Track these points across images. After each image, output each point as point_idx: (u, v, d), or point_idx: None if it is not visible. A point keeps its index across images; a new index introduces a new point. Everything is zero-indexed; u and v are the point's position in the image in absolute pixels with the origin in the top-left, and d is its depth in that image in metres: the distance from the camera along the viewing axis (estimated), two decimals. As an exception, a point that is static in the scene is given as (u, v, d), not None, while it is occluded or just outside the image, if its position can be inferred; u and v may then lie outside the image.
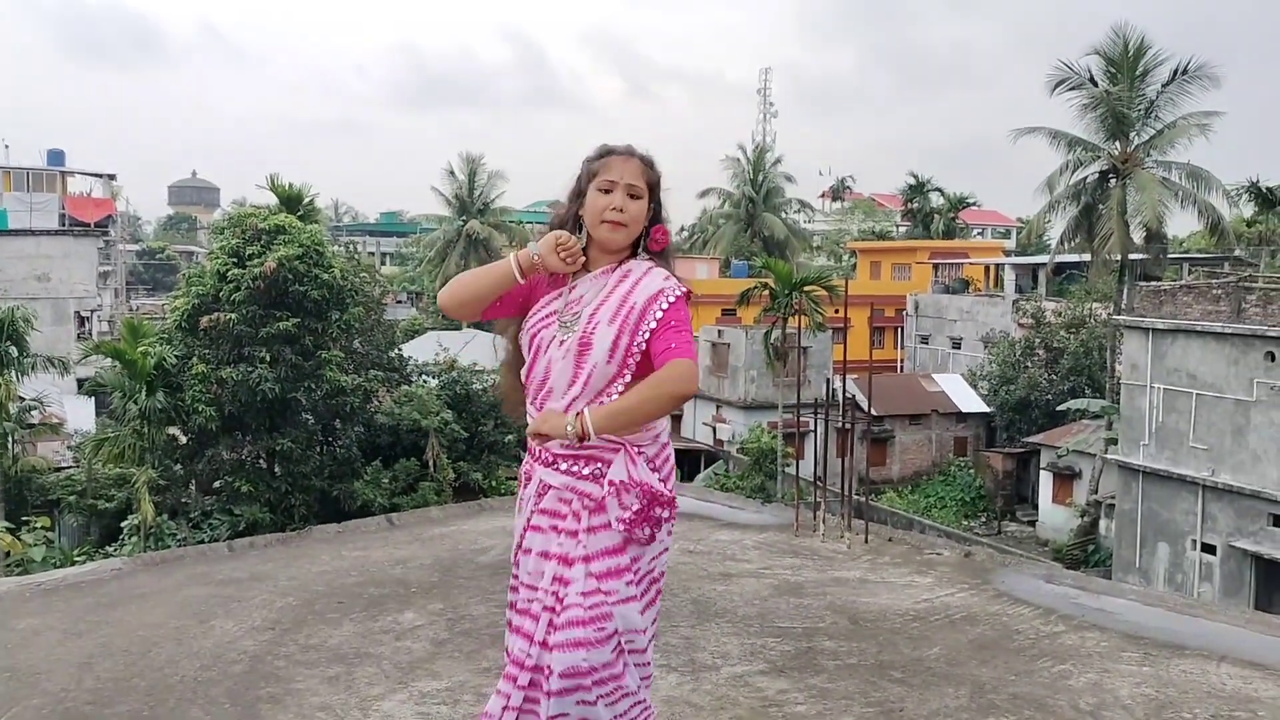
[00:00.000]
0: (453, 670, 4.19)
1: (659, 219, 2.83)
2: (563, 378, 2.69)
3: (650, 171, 2.78)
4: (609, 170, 2.73)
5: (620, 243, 2.75)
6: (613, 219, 2.71)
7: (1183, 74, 31.26)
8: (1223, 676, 4.22)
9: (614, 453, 2.66)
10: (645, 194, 2.76)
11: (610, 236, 2.73)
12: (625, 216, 2.72)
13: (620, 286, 2.72)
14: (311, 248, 23.20)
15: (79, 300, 40.85)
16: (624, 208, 2.71)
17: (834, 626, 4.76)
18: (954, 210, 65.09)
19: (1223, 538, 24.27)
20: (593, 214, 2.73)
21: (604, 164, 2.75)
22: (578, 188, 2.79)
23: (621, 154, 2.77)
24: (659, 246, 2.82)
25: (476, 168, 52.45)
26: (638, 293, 2.70)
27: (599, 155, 2.79)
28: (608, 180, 2.73)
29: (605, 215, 2.71)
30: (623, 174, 2.73)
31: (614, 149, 2.80)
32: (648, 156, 2.81)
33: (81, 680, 4.12)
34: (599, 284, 2.75)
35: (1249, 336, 23.76)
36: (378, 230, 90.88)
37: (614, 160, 2.75)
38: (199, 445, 23.26)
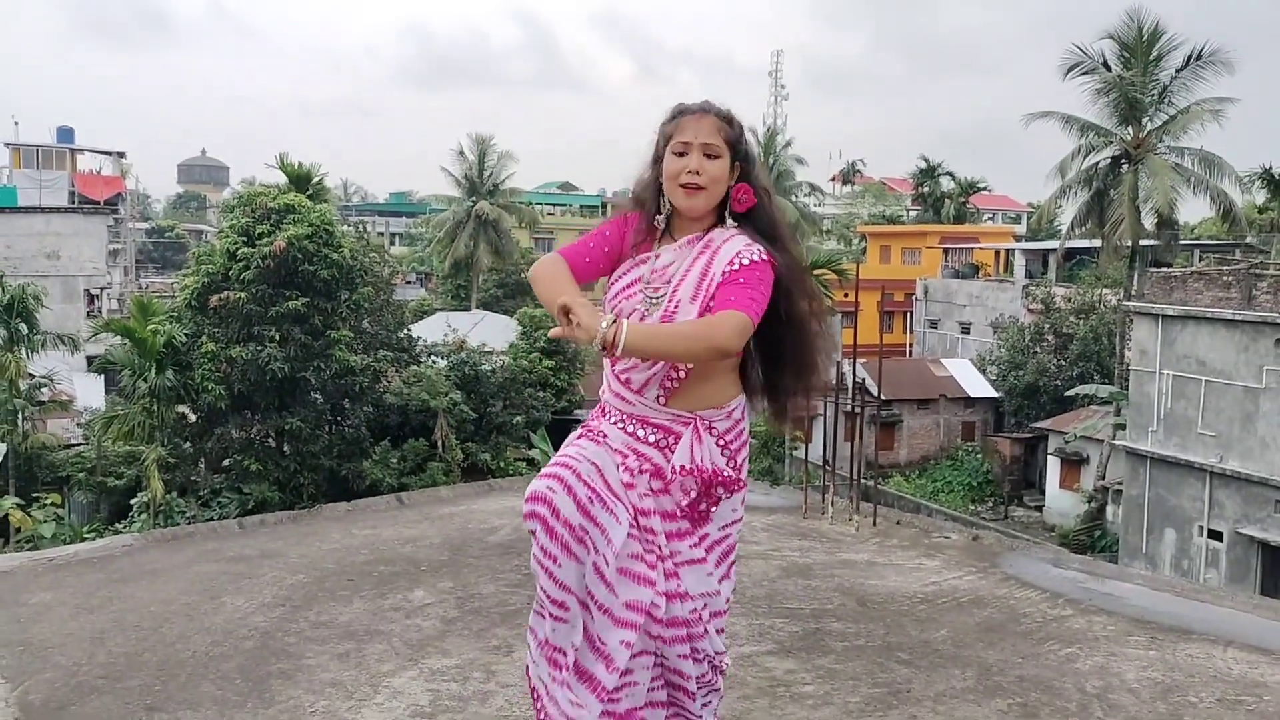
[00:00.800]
0: (462, 648, 4.21)
1: (747, 177, 2.66)
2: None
3: (729, 128, 2.63)
4: (682, 131, 2.60)
5: (700, 208, 2.61)
6: (689, 182, 2.58)
7: (1197, 59, 31.04)
8: (1229, 661, 4.23)
9: (684, 426, 2.59)
10: (724, 152, 2.60)
11: (689, 203, 2.60)
12: (703, 179, 2.58)
13: (700, 259, 2.60)
14: (321, 227, 23.24)
15: (88, 278, 40.92)
16: (700, 169, 2.58)
17: (842, 608, 4.78)
18: (965, 195, 64.80)
19: (1230, 524, 24.25)
20: (669, 179, 2.61)
21: (677, 125, 2.62)
22: (656, 153, 2.67)
23: (694, 112, 2.63)
24: (743, 207, 2.65)
25: (486, 148, 52.32)
26: (716, 264, 2.57)
27: (672, 116, 2.66)
28: (681, 142, 2.59)
29: (681, 179, 2.58)
30: (697, 133, 2.59)
31: (687, 107, 2.66)
32: (724, 111, 2.66)
33: (94, 655, 4.16)
34: (684, 254, 2.62)
35: (1259, 324, 23.67)
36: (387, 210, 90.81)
37: (686, 120, 2.61)
38: (208, 424, 23.36)
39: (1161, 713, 3.70)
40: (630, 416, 2.64)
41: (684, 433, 2.58)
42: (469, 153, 52.34)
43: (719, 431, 2.63)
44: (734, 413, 2.67)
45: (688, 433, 2.58)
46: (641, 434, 2.62)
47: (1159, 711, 3.71)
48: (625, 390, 2.65)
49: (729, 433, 2.65)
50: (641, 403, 2.62)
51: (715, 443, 2.61)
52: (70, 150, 44.58)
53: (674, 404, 2.61)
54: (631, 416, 2.64)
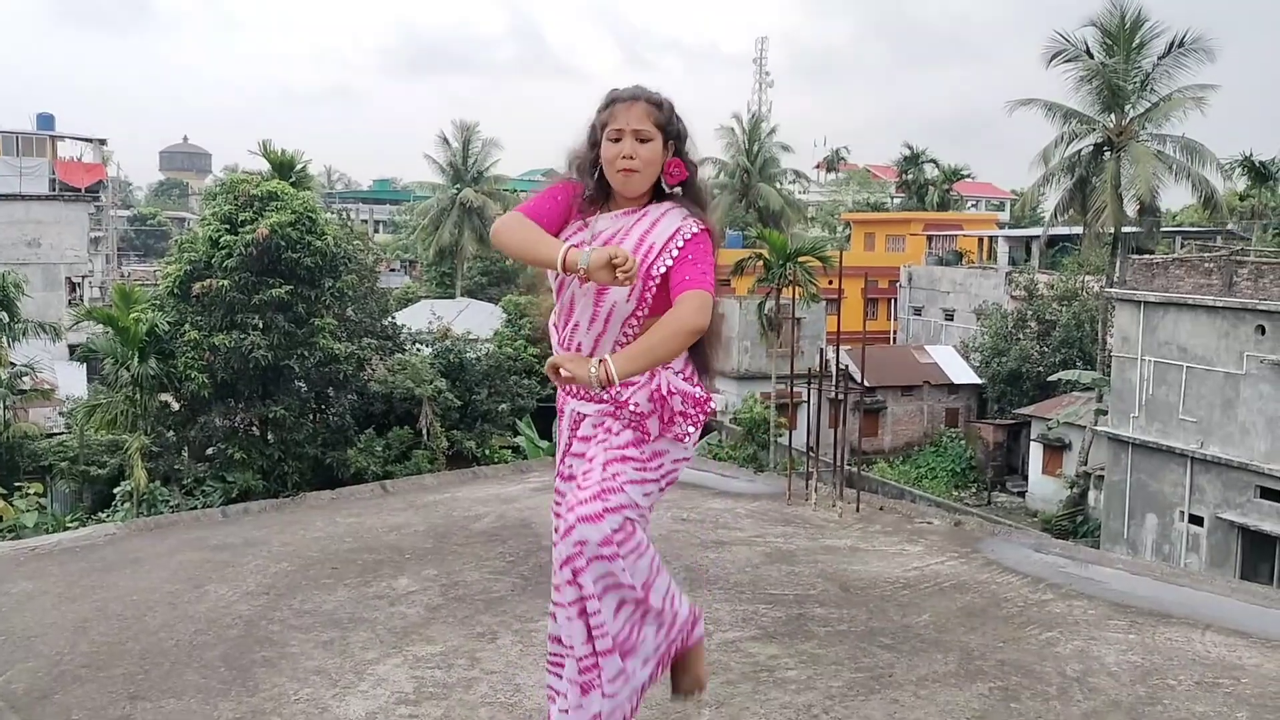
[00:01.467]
0: (446, 635, 4.22)
1: (682, 150, 2.81)
2: (585, 314, 2.76)
3: (658, 111, 2.76)
4: (615, 118, 2.74)
5: (637, 188, 2.77)
6: (624, 166, 2.73)
7: (1179, 47, 31.15)
8: (1207, 644, 4.27)
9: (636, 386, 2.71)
10: (655, 135, 2.74)
11: (626, 184, 2.76)
12: (636, 163, 2.73)
13: (639, 225, 2.76)
14: (304, 214, 23.13)
15: (70, 266, 40.65)
16: (634, 153, 2.72)
17: (825, 594, 4.80)
18: (948, 182, 64.98)
19: (1210, 509, 24.45)
20: (607, 164, 2.76)
21: (610, 113, 2.76)
22: (592, 137, 2.81)
23: (626, 99, 2.77)
24: (675, 180, 2.80)
25: (471, 135, 52.11)
26: (655, 232, 2.73)
27: (605, 104, 2.79)
28: (615, 129, 2.74)
29: (617, 164, 2.73)
30: (628, 120, 2.73)
31: (619, 95, 2.79)
32: (655, 96, 2.79)
33: (76, 644, 4.15)
34: (619, 223, 2.77)
35: (1240, 310, 23.84)
36: (371, 197, 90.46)
37: (619, 108, 2.76)
38: (191, 412, 23.27)
39: (1141, 695, 3.74)
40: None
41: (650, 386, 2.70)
42: (453, 140, 52.13)
43: (681, 372, 2.77)
44: (684, 370, 2.79)
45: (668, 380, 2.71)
46: (608, 395, 2.72)
47: (1138, 694, 3.75)
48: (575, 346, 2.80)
49: (686, 368, 2.80)
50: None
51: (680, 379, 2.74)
52: (50, 137, 44.17)
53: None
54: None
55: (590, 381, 2.53)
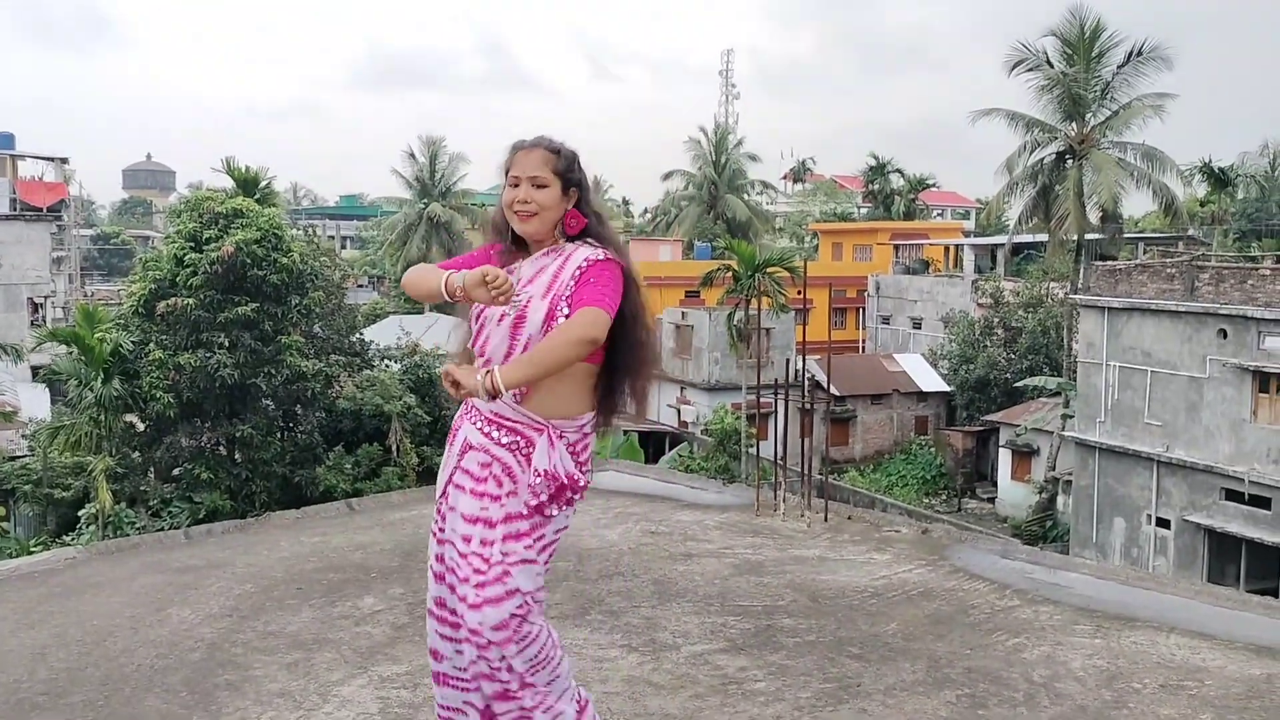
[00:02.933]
0: (413, 654, 4.18)
1: (583, 201, 2.92)
2: (500, 349, 2.83)
3: (556, 158, 2.87)
4: (515, 165, 2.87)
5: (534, 231, 2.87)
6: (519, 210, 2.86)
7: (1137, 55, 31.61)
8: (1172, 647, 4.30)
9: (536, 431, 2.77)
10: (552, 181, 2.85)
11: (524, 227, 2.87)
12: (531, 206, 2.84)
13: (552, 265, 2.85)
14: (270, 231, 22.94)
15: (32, 286, 40.19)
16: (529, 198, 2.84)
17: (793, 604, 4.80)
18: (914, 191, 65.50)
19: (1177, 512, 24.71)
20: (506, 207, 2.90)
21: (511, 160, 2.89)
22: (503, 183, 2.94)
23: (525, 148, 2.90)
24: (574, 230, 2.90)
25: (437, 150, 52.08)
26: (566, 268, 2.83)
27: (510, 152, 2.92)
28: (514, 175, 2.87)
29: (514, 208, 2.87)
30: (525, 167, 2.85)
31: (521, 144, 2.92)
32: (554, 144, 2.90)
33: (35, 671, 4.08)
34: (538, 264, 2.88)
35: (1202, 314, 24.15)
36: (337, 214, 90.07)
37: (519, 155, 2.89)
38: (157, 432, 22.98)
39: (1106, 699, 3.76)
40: (488, 418, 2.82)
41: (536, 438, 2.77)
42: (420, 155, 52.07)
43: (569, 440, 2.83)
44: (584, 427, 2.87)
45: (541, 439, 2.77)
46: (495, 435, 2.80)
47: (1104, 698, 3.76)
48: None
49: (578, 443, 2.86)
50: (502, 401, 2.76)
51: (566, 449, 2.80)
52: (10, 156, 43.69)
53: (528, 405, 2.79)
54: (488, 418, 2.81)
55: (478, 390, 2.60)
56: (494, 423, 2.81)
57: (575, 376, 2.80)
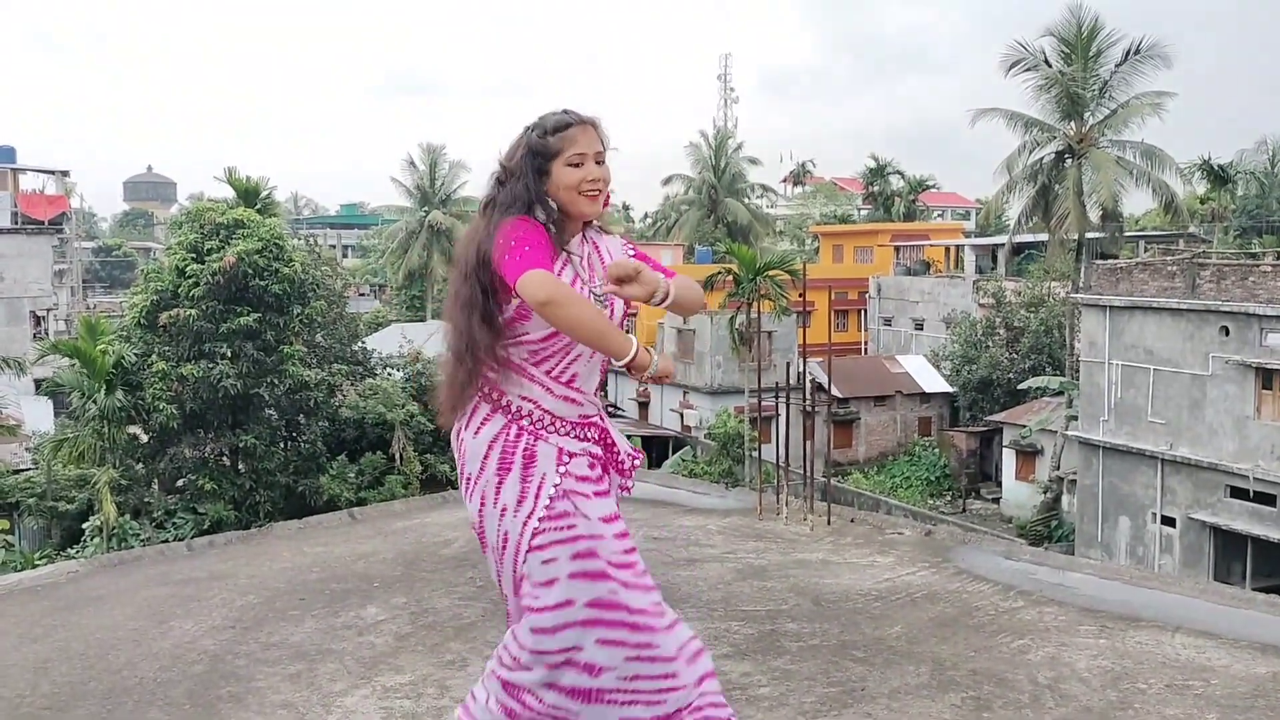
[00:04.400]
0: (416, 664, 4.17)
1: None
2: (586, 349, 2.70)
3: (604, 133, 2.77)
4: (574, 143, 2.68)
5: (598, 213, 2.76)
6: (593, 190, 2.70)
7: (1135, 54, 31.63)
8: (1177, 646, 4.29)
9: (603, 419, 2.81)
10: (604, 157, 2.74)
11: (594, 208, 2.73)
12: (601, 184, 2.72)
13: (592, 254, 2.80)
14: (271, 241, 23.00)
15: (34, 299, 40.26)
16: (600, 176, 2.71)
17: (797, 608, 4.79)
18: (914, 193, 65.54)
19: (1182, 510, 24.66)
20: (569, 189, 2.68)
21: (566, 139, 2.68)
22: (537, 165, 2.69)
23: (579, 124, 2.71)
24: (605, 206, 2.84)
25: (438, 158, 52.15)
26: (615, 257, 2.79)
27: (557, 128, 2.70)
28: (578, 154, 2.68)
29: (583, 189, 2.69)
30: (590, 144, 2.70)
31: (569, 120, 2.72)
32: (595, 118, 2.77)
33: (37, 685, 4.07)
34: (584, 253, 2.78)
35: (1204, 312, 24.12)
36: (338, 223, 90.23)
37: (576, 132, 2.69)
38: (161, 444, 23.02)
39: (1112, 700, 3.74)
40: (579, 422, 2.72)
41: (604, 425, 2.79)
42: (420, 163, 52.13)
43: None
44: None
45: (610, 424, 2.80)
46: (589, 435, 2.74)
47: (1109, 699, 3.75)
48: (570, 390, 2.71)
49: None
50: (587, 400, 2.72)
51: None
52: (12, 170, 43.79)
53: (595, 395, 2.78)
54: (579, 421, 2.72)
55: (656, 291, 2.57)
56: (583, 424, 2.74)
57: None
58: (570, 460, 2.67)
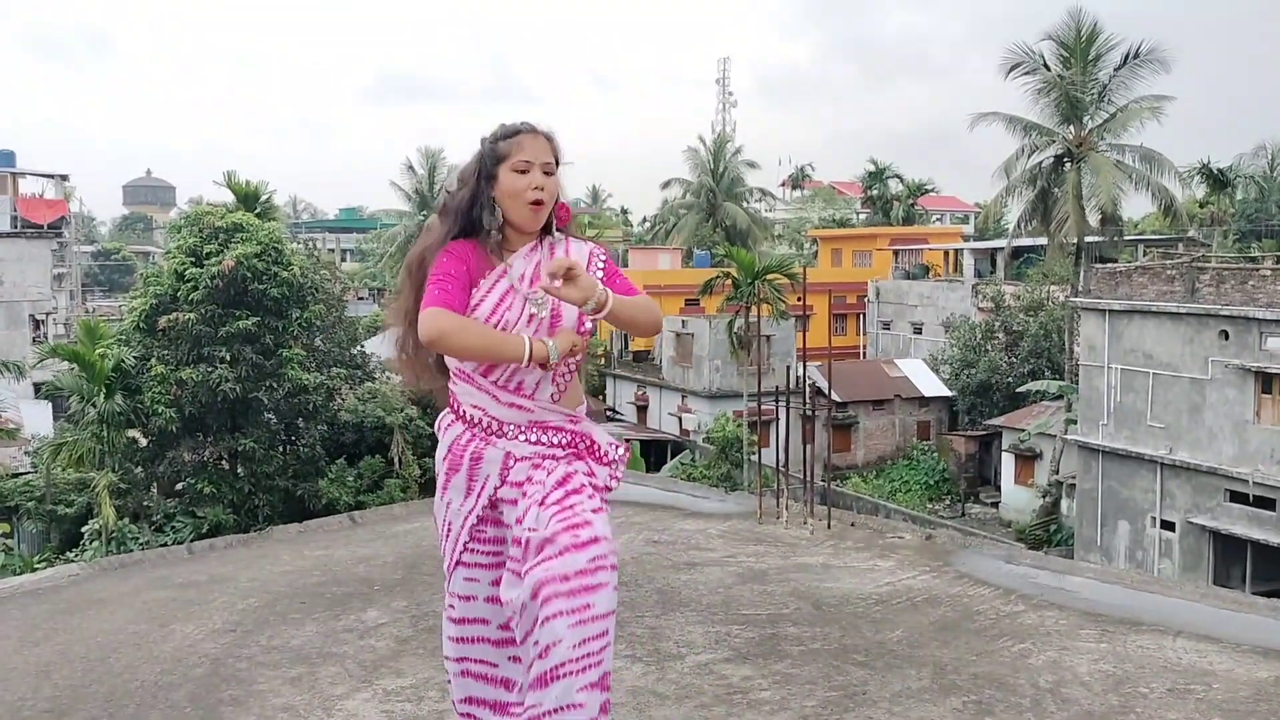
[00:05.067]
0: (417, 667, 4.17)
1: (562, 193, 2.85)
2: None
3: (555, 146, 2.78)
4: (522, 150, 2.71)
5: (541, 221, 2.76)
6: (535, 199, 2.71)
7: (1134, 58, 31.67)
8: (1178, 650, 4.29)
9: (574, 423, 2.81)
10: (555, 169, 2.75)
11: (535, 217, 2.74)
12: (545, 194, 2.72)
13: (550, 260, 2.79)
14: (270, 245, 22.99)
15: (33, 303, 40.26)
16: (543, 185, 2.72)
17: (797, 612, 4.79)
18: (913, 197, 65.56)
19: (1181, 514, 24.66)
20: (512, 195, 2.71)
21: (515, 144, 2.72)
22: (483, 169, 2.74)
23: (532, 132, 2.75)
24: (563, 223, 2.84)
25: (436, 162, 52.09)
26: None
27: (507, 135, 2.74)
28: (523, 160, 2.71)
29: (528, 196, 2.70)
30: (537, 153, 2.72)
31: (519, 128, 2.76)
32: (550, 131, 2.80)
33: (39, 688, 4.07)
34: (529, 262, 2.76)
35: (1203, 316, 24.13)
36: (337, 227, 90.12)
37: (525, 139, 2.73)
38: (160, 447, 23.00)
39: (1113, 704, 3.74)
40: (531, 425, 2.76)
41: (579, 430, 2.81)
42: (419, 167, 52.11)
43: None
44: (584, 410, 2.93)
45: (588, 426, 2.83)
46: (546, 439, 2.76)
47: (1111, 704, 3.75)
48: (517, 397, 2.76)
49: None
50: (539, 406, 2.75)
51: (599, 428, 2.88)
52: (11, 174, 43.79)
53: (564, 403, 2.80)
54: (532, 425, 2.76)
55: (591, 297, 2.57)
56: (538, 428, 2.76)
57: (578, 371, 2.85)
58: (515, 466, 2.75)
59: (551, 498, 2.67)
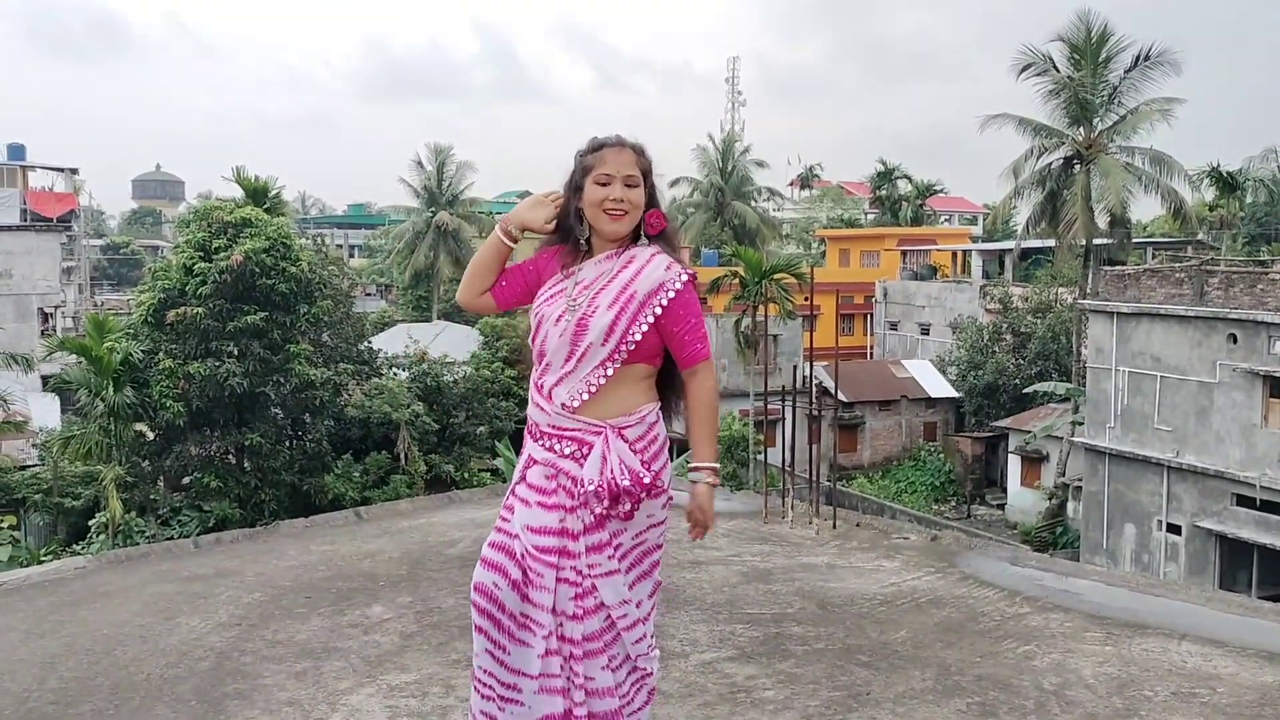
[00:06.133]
0: (421, 663, 4.18)
1: (654, 203, 2.91)
2: (559, 354, 2.80)
3: (643, 159, 2.88)
4: (604, 164, 2.83)
5: (622, 231, 2.85)
6: (613, 209, 2.81)
7: (1144, 60, 31.54)
8: (1183, 654, 4.28)
9: (596, 435, 2.75)
10: (640, 182, 2.85)
11: (613, 227, 2.83)
12: (626, 205, 2.82)
13: (624, 273, 2.82)
14: (279, 240, 23.03)
15: (42, 296, 40.33)
16: (624, 197, 2.82)
17: (802, 612, 4.79)
18: (921, 197, 65.39)
19: (1188, 518, 24.58)
20: (593, 205, 2.83)
21: (598, 157, 2.85)
22: (574, 182, 2.88)
23: (614, 146, 2.87)
24: (655, 230, 2.90)
25: (445, 158, 52.08)
26: (640, 281, 2.80)
27: (591, 149, 2.88)
28: (604, 174, 2.82)
29: (605, 206, 2.82)
30: (618, 166, 2.83)
31: (606, 141, 2.89)
32: (638, 145, 2.91)
33: (44, 680, 4.08)
34: (603, 268, 2.86)
35: (1211, 319, 24.04)
36: (346, 222, 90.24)
37: (608, 153, 2.85)
38: (167, 441, 23.06)
39: (1118, 707, 3.73)
40: (549, 431, 2.81)
41: (595, 443, 2.74)
42: (428, 163, 52.07)
43: (631, 438, 2.77)
44: (647, 417, 2.82)
45: (598, 443, 2.74)
46: (558, 448, 2.79)
47: (1115, 706, 3.74)
48: (540, 398, 2.83)
49: (642, 439, 2.80)
50: (555, 412, 2.78)
51: (629, 449, 2.75)
52: (21, 167, 43.88)
53: (586, 412, 2.77)
54: (550, 431, 2.80)
55: (711, 499, 2.87)
56: (554, 435, 2.80)
57: (633, 377, 2.82)
58: (531, 467, 2.84)
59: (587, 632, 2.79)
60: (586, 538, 2.76)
